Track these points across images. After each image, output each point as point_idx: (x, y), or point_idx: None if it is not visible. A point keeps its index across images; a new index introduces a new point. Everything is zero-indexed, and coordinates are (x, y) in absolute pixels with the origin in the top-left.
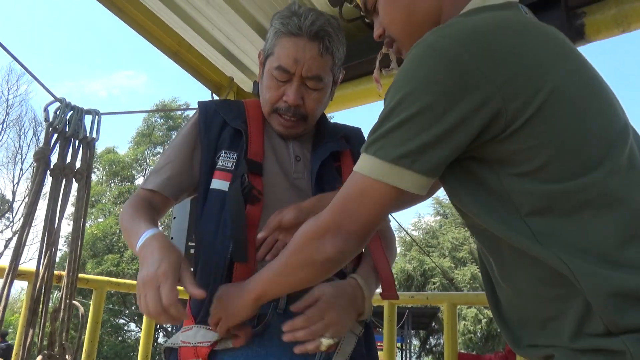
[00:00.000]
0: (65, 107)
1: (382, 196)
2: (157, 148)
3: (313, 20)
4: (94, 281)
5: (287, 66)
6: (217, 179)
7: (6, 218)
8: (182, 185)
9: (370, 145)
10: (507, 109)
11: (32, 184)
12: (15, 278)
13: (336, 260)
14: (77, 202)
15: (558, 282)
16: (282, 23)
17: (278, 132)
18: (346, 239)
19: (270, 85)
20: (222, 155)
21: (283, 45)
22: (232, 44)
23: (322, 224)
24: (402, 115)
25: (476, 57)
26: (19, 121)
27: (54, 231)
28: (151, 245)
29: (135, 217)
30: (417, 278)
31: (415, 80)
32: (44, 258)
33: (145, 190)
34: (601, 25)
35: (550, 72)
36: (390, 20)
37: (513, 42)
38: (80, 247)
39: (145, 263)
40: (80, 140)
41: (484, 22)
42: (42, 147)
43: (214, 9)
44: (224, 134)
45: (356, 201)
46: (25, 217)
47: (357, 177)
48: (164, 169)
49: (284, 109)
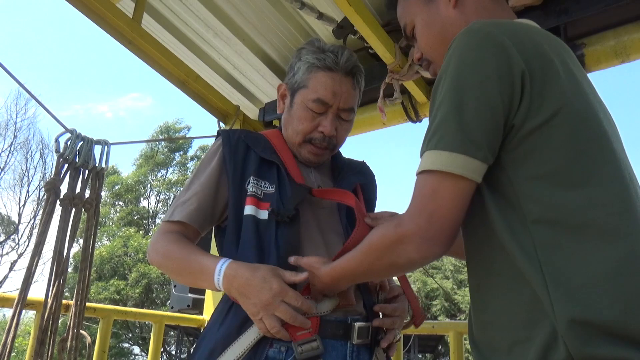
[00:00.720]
0: (75, 138)
1: (455, 189)
2: (160, 171)
3: (348, 57)
4: (101, 310)
5: (326, 99)
6: (251, 206)
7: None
8: (209, 216)
9: (430, 140)
10: (532, 100)
11: (42, 214)
12: (24, 308)
13: (421, 264)
14: (85, 231)
15: (531, 308)
16: (318, 58)
17: (307, 159)
18: (430, 243)
19: (305, 117)
20: (252, 182)
21: (321, 80)
22: (239, 72)
23: (402, 231)
24: (455, 101)
25: (514, 44)
26: (26, 144)
27: (63, 261)
28: (240, 275)
29: (186, 253)
30: (422, 300)
31: (465, 63)
32: (52, 287)
33: (173, 223)
34: (601, 55)
35: (569, 81)
36: (426, 44)
37: (539, 40)
38: (89, 276)
39: (251, 291)
40: (90, 170)
41: (512, 22)
42: (52, 177)
43: (221, 40)
44: (249, 161)
45: (432, 201)
46: (35, 247)
47: (424, 176)
48: (190, 200)
49: (319, 139)
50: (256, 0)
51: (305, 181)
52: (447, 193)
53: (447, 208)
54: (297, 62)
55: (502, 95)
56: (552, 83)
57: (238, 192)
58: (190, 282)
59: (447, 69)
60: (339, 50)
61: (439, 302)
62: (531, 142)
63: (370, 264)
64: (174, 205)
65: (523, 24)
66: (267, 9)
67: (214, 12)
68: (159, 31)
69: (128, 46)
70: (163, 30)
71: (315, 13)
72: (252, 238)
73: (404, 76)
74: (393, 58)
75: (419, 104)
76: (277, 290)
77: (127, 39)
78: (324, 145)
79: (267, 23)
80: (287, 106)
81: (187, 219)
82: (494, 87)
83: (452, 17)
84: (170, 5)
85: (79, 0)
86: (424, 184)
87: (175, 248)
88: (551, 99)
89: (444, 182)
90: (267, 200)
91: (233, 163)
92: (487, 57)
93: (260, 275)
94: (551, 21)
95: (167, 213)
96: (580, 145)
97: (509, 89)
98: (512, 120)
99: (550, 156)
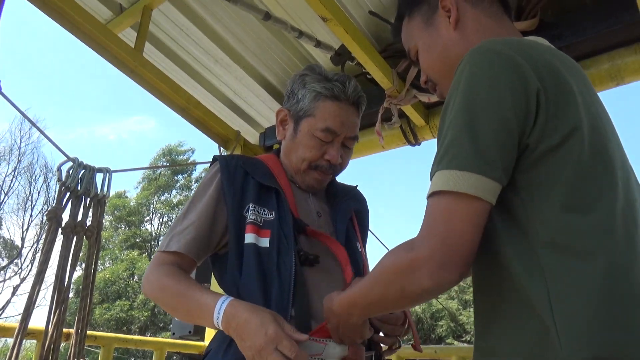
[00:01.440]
0: (77, 167)
1: (470, 210)
2: (164, 194)
3: (354, 88)
4: (101, 338)
5: (335, 128)
6: (251, 234)
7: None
8: (206, 245)
9: (441, 160)
10: (547, 119)
11: (44, 243)
12: (24, 337)
13: (436, 292)
14: (86, 259)
15: (537, 339)
16: (325, 87)
17: (310, 186)
18: (444, 269)
19: (312, 145)
20: (252, 209)
21: (328, 110)
22: (239, 98)
23: (414, 255)
24: (467, 120)
25: (527, 61)
26: (30, 168)
27: (64, 289)
28: (239, 316)
29: (183, 288)
30: (427, 321)
31: (477, 82)
32: (53, 316)
33: (169, 254)
34: (595, 79)
35: (583, 101)
36: (429, 66)
37: (551, 59)
38: (90, 304)
39: (247, 334)
40: (92, 198)
41: (523, 40)
42: (54, 206)
43: (222, 67)
44: (248, 188)
45: (445, 223)
46: (36, 276)
47: (438, 198)
48: (187, 230)
49: (325, 166)
50: (255, 29)
51: (303, 207)
52: (461, 215)
53: (461, 231)
54: (300, 88)
55: (517, 114)
56: (566, 103)
57: (237, 220)
58: (186, 318)
59: (457, 87)
60: (346, 80)
61: (445, 322)
62: (546, 163)
63: (381, 291)
64: (169, 235)
65: (534, 41)
66: (266, 36)
67: (214, 40)
68: (160, 59)
69: (130, 75)
70: (164, 57)
71: (313, 41)
72: (254, 267)
73: (401, 101)
74: (390, 83)
75: (418, 127)
76: (272, 337)
77: (129, 68)
78: (329, 172)
79: (266, 50)
80: (290, 133)
81: (184, 250)
82: (508, 106)
83: (453, 39)
84: (172, 34)
85: (82, 32)
86: (436, 205)
87: (171, 282)
88: (566, 119)
89: (458, 203)
90: (268, 228)
91: (232, 190)
92: (500, 75)
93: (258, 319)
94: None
95: (162, 242)
96: (590, 168)
97: (524, 108)
98: (526, 140)
99: (564, 179)
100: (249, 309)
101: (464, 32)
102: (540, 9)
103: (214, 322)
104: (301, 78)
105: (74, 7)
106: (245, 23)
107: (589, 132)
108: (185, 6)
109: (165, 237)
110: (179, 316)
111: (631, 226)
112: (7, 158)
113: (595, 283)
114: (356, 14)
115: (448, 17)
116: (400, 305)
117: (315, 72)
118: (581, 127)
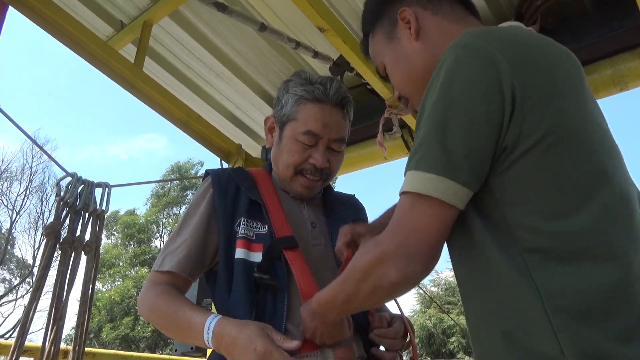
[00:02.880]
0: (76, 182)
1: (433, 211)
2: (173, 209)
3: (337, 88)
4: (100, 355)
5: (317, 130)
6: (241, 249)
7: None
8: (199, 263)
9: (411, 159)
10: (524, 119)
11: (42, 259)
12: (20, 355)
13: (404, 285)
14: (85, 274)
15: (529, 331)
16: (306, 90)
17: (299, 193)
18: (409, 262)
19: (295, 149)
20: (243, 224)
21: (309, 111)
22: (241, 112)
23: (380, 250)
24: (438, 120)
25: (506, 57)
26: (41, 187)
27: (61, 305)
28: (228, 333)
29: (174, 308)
30: (438, 336)
31: (452, 80)
32: (50, 333)
33: (162, 274)
34: (599, 84)
35: (571, 97)
36: (398, 81)
37: (538, 51)
38: (88, 321)
39: (237, 352)
40: (90, 213)
41: (508, 31)
42: (52, 221)
43: (222, 80)
44: (240, 201)
45: (409, 221)
46: (33, 292)
47: (404, 197)
48: (179, 248)
49: (310, 170)
50: (255, 42)
51: (296, 218)
52: (424, 216)
53: (424, 230)
54: (284, 94)
55: (489, 116)
56: (551, 99)
57: (228, 235)
58: (180, 338)
59: (432, 84)
60: (328, 82)
61: (456, 339)
62: (524, 164)
63: (354, 287)
64: (163, 254)
65: (517, 31)
66: (266, 49)
67: (214, 54)
68: (161, 73)
69: (130, 90)
70: (164, 72)
71: (310, 52)
72: (244, 282)
73: (402, 110)
74: (390, 93)
75: None
76: (261, 352)
77: (130, 83)
78: (316, 177)
79: (267, 63)
80: (276, 139)
81: (177, 269)
82: (480, 107)
83: (416, 50)
84: (172, 48)
85: (83, 48)
86: (402, 204)
87: (162, 303)
88: (549, 117)
89: (421, 205)
90: (260, 242)
91: (223, 205)
92: (474, 73)
93: (246, 335)
94: None
95: (156, 262)
96: (575, 170)
97: (497, 109)
98: (502, 142)
99: (543, 181)
100: (236, 325)
101: (428, 41)
102: (541, 15)
103: (205, 341)
104: (285, 84)
105: (74, 25)
106: (245, 37)
107: (572, 131)
108: (185, 21)
109: (159, 256)
110: (173, 336)
111: (625, 227)
112: (18, 178)
113: (583, 282)
114: (354, 24)
115: (408, 28)
116: (374, 300)
117: (300, 77)
118: (565, 125)
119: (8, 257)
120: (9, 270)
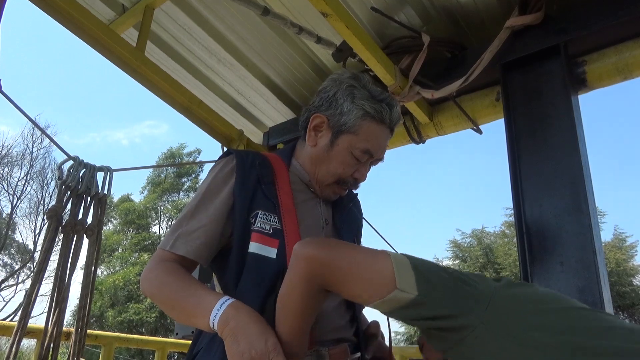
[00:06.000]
0: (78, 165)
1: None
2: (171, 195)
3: (398, 114)
4: (102, 337)
5: (374, 151)
6: (257, 243)
7: (27, 268)
8: (214, 249)
9: None
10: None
11: (44, 242)
12: (24, 336)
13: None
14: (87, 257)
15: None
16: (375, 109)
17: (327, 197)
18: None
19: (347, 162)
20: (260, 216)
21: (372, 131)
22: (243, 97)
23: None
24: None
25: None
26: (42, 173)
27: (64, 288)
28: (241, 317)
29: (185, 284)
30: None
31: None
32: (53, 315)
33: (175, 255)
34: (603, 72)
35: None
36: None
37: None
38: (90, 303)
39: (245, 337)
40: (92, 197)
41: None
42: (55, 204)
43: (224, 66)
44: (258, 193)
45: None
46: (35, 275)
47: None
48: (196, 233)
49: (350, 182)
50: (258, 27)
51: (311, 214)
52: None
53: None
54: (346, 101)
55: None
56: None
57: (243, 226)
58: (181, 317)
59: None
60: (394, 105)
61: None
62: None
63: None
64: (174, 232)
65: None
66: (269, 34)
67: (217, 39)
68: (163, 58)
69: (132, 74)
70: (167, 57)
71: (313, 37)
72: (255, 276)
73: (405, 97)
74: (393, 80)
75: (422, 124)
76: (272, 347)
77: (132, 68)
78: (352, 188)
79: (269, 48)
80: (325, 143)
81: (193, 255)
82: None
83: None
84: (174, 33)
85: (85, 32)
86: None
87: (172, 279)
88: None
89: None
90: (277, 237)
91: (242, 196)
92: None
93: (260, 327)
94: (551, 40)
95: (166, 239)
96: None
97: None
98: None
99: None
100: (253, 313)
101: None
102: (545, 2)
103: (210, 320)
104: (349, 90)
105: (76, 8)
106: (248, 22)
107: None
108: (187, 5)
109: (169, 233)
110: (174, 315)
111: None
112: (19, 163)
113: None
114: (358, 9)
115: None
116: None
117: (364, 87)
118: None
119: (9, 242)
120: (9, 255)
